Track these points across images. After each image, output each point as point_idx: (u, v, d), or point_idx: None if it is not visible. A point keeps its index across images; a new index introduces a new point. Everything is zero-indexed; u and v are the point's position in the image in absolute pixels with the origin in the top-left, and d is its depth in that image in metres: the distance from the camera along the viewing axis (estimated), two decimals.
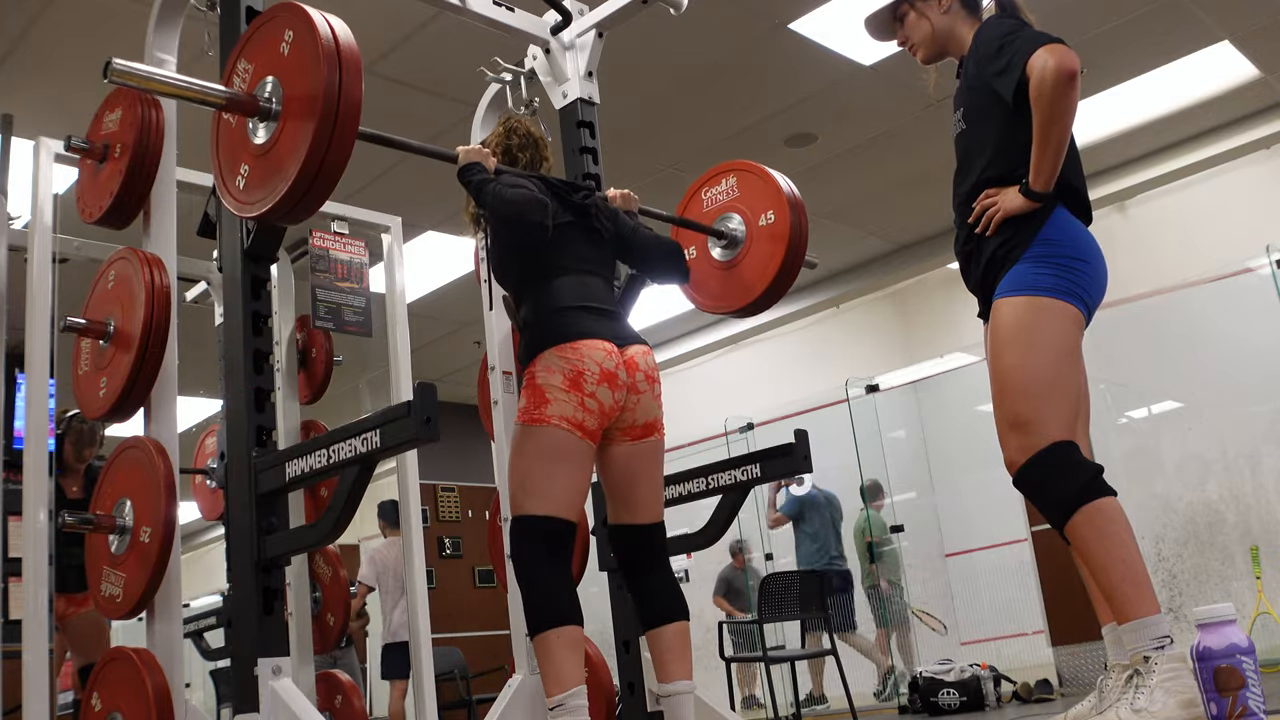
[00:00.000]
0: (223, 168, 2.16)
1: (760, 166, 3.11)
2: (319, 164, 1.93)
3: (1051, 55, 2.14)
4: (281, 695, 2.18)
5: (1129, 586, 2.03)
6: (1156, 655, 1.99)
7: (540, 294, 2.46)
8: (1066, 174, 2.25)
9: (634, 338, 2.50)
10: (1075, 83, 2.13)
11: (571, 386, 2.32)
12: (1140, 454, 7.39)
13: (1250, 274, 6.76)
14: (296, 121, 1.97)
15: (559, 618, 2.23)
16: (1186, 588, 6.90)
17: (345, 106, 1.92)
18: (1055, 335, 2.19)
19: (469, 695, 6.55)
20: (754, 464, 2.95)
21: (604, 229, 2.60)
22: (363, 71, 1.97)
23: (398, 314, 4.02)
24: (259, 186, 2.04)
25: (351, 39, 1.98)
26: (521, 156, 2.71)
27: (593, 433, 2.35)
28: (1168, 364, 7.35)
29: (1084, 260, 2.24)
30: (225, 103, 2.07)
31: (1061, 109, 2.14)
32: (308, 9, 2.01)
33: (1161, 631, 2.01)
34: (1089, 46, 5.71)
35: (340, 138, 1.93)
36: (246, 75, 2.11)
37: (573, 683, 2.18)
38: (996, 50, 2.26)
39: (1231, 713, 1.84)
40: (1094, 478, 2.11)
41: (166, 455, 2.46)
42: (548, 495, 2.32)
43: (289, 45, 2.02)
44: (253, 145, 2.06)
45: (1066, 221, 2.26)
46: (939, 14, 2.47)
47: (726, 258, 3.11)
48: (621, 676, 2.92)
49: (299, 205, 1.99)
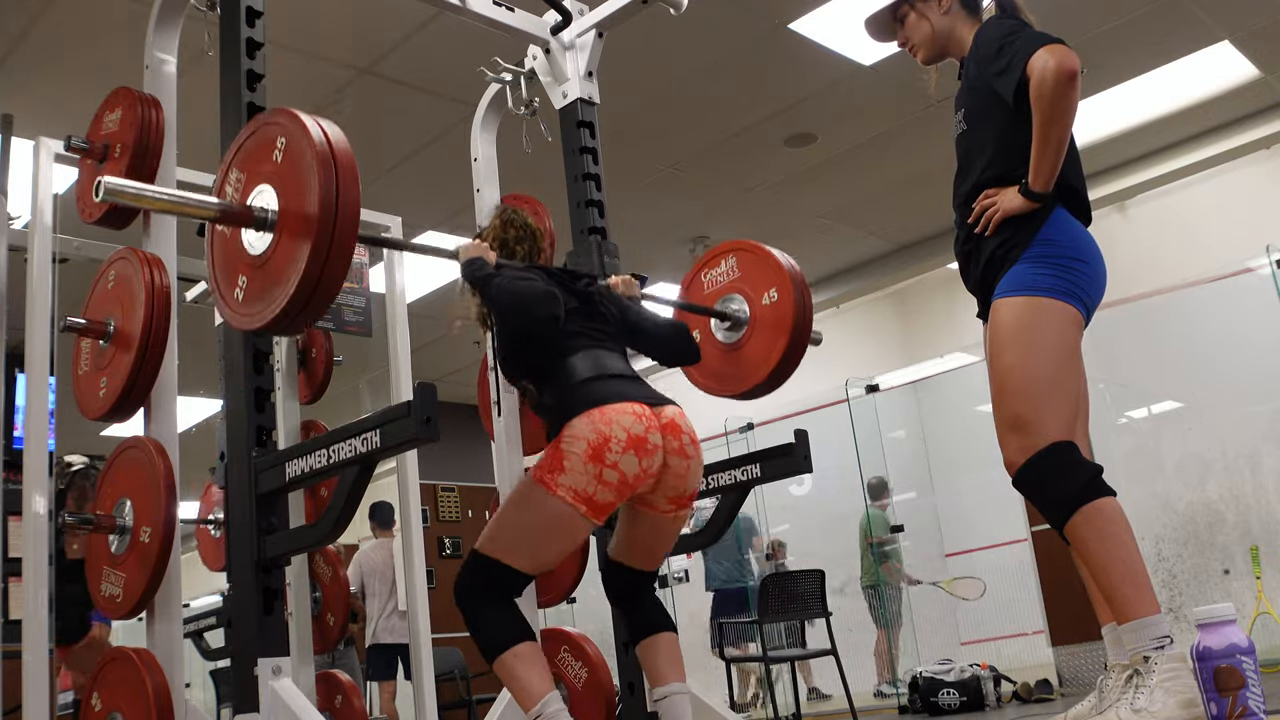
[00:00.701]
0: (219, 279, 2.09)
1: (759, 245, 3.05)
2: (318, 275, 1.87)
3: (1052, 55, 2.13)
4: (281, 695, 2.18)
5: (1129, 587, 2.03)
6: (1156, 655, 1.99)
7: (558, 375, 2.36)
8: (1066, 174, 2.25)
9: (666, 399, 2.39)
10: (1075, 83, 2.13)
11: (592, 457, 2.19)
12: (1140, 454, 7.39)
13: (1250, 274, 6.75)
14: (293, 232, 1.91)
15: (510, 639, 2.24)
16: (1186, 588, 6.90)
17: (343, 216, 1.87)
18: (1054, 335, 2.19)
19: (469, 695, 6.55)
20: (754, 464, 2.95)
21: (610, 313, 2.53)
22: (358, 177, 1.91)
23: (398, 314, 4.03)
24: (258, 299, 1.98)
25: (345, 143, 1.92)
26: (519, 250, 2.64)
27: (603, 506, 2.23)
28: (1168, 364, 7.35)
29: (1083, 260, 2.23)
30: (218, 215, 2.01)
31: (1061, 109, 2.14)
32: (300, 114, 1.95)
33: (1161, 631, 2.01)
34: (1089, 46, 5.71)
35: (339, 247, 1.87)
36: (239, 185, 2.05)
37: (542, 692, 2.19)
38: (997, 51, 2.26)
39: (1231, 713, 1.84)
40: (1094, 478, 2.11)
41: (166, 455, 2.46)
42: (521, 554, 2.29)
43: (281, 153, 1.96)
44: (249, 256, 2.00)
45: (1066, 222, 2.26)
46: (939, 15, 2.47)
47: (730, 339, 3.03)
48: (621, 676, 2.93)
49: (299, 316, 1.93)
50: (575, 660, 3.00)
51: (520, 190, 3.49)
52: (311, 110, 1.99)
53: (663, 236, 7.54)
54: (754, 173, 6.83)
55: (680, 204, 7.09)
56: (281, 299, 1.90)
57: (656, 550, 2.50)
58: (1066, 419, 2.17)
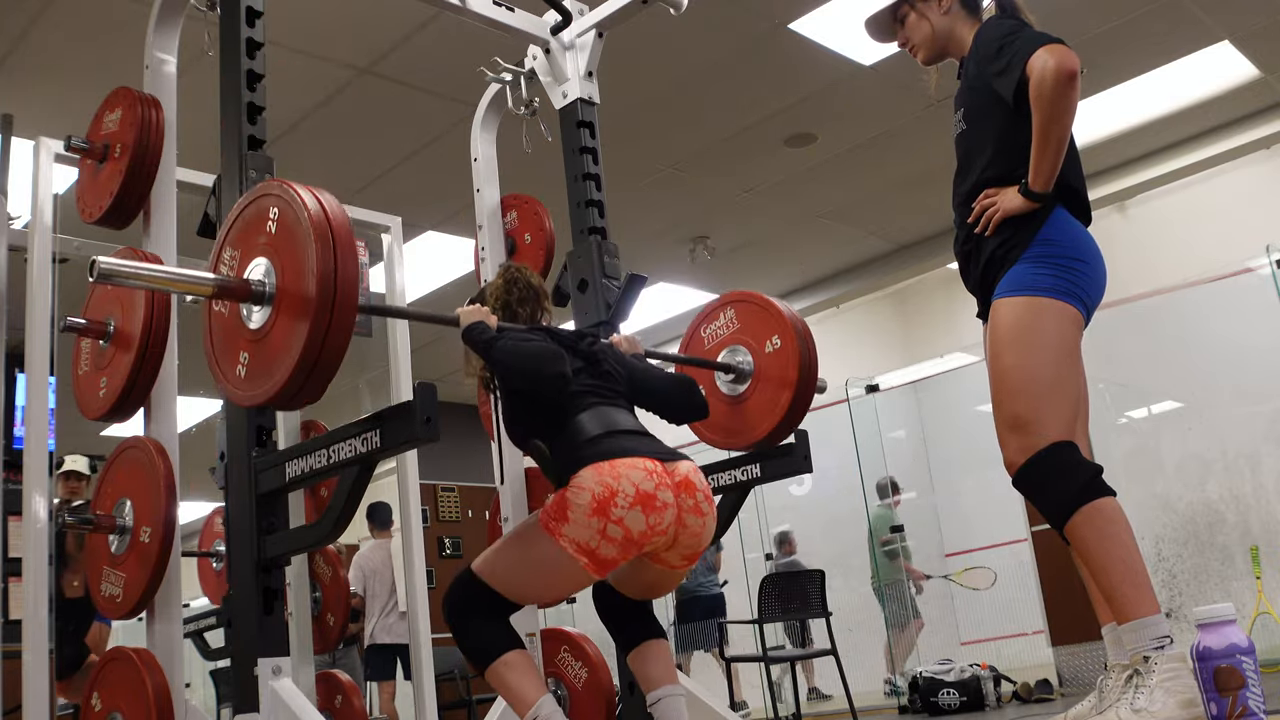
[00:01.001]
0: (219, 356, 2.06)
1: (757, 295, 3.04)
2: (319, 349, 1.86)
3: (1051, 55, 2.13)
4: (281, 695, 2.18)
5: (1128, 587, 2.04)
6: (1156, 655, 1.99)
7: (567, 433, 2.31)
8: (1066, 174, 2.25)
9: (678, 454, 2.34)
10: (1075, 83, 2.13)
11: (596, 510, 2.14)
12: (1140, 454, 7.39)
13: (1250, 274, 6.75)
14: (291, 305, 1.89)
15: (500, 648, 2.26)
16: (1186, 588, 6.90)
17: (342, 286, 1.84)
18: (1054, 335, 2.19)
19: (469, 695, 6.55)
20: (754, 464, 2.95)
21: (615, 371, 2.49)
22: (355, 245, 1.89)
23: None
24: (260, 375, 1.96)
25: (341, 213, 1.90)
26: (522, 312, 2.59)
27: (606, 561, 2.19)
28: (1168, 364, 7.35)
29: (1083, 261, 2.23)
30: (215, 290, 1.98)
31: (1061, 109, 2.14)
32: (296, 187, 1.93)
33: (1161, 631, 2.01)
34: (1089, 46, 5.71)
35: (339, 320, 1.85)
36: (234, 262, 2.03)
37: (535, 696, 2.21)
38: (996, 50, 2.26)
39: (1231, 713, 1.84)
40: (1093, 478, 2.11)
41: (166, 455, 2.46)
42: (515, 589, 2.30)
43: (275, 224, 1.94)
44: (249, 331, 1.98)
45: (1066, 222, 2.26)
46: (939, 15, 2.47)
47: (735, 392, 3.01)
48: (621, 677, 2.92)
49: (302, 391, 1.92)
50: (575, 660, 3.00)
51: (520, 190, 3.49)
52: (311, 109, 1.98)
53: (663, 236, 7.54)
54: (754, 173, 6.82)
55: (680, 204, 7.09)
56: (282, 376, 1.89)
57: (657, 592, 2.50)
58: (1067, 419, 2.17)
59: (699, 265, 7.93)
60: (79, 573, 4.47)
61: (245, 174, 2.41)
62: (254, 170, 2.42)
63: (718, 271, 8.20)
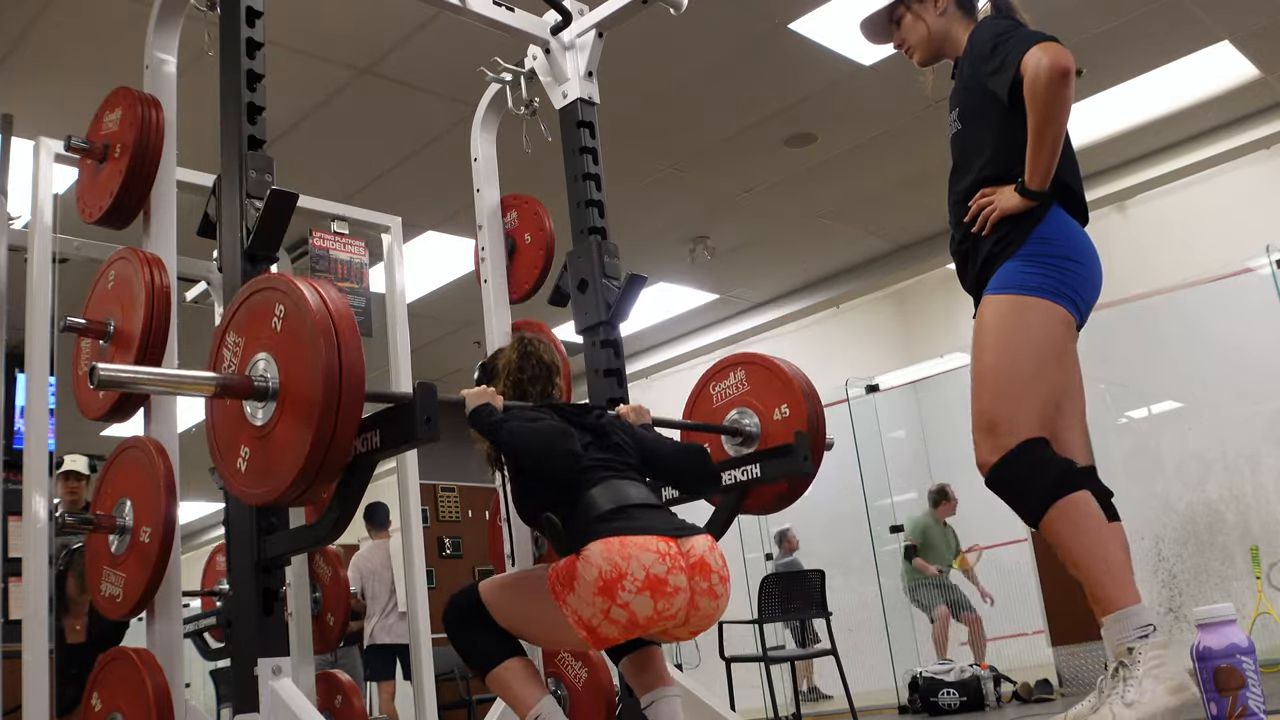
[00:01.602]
0: (221, 449, 2.05)
1: (767, 358, 3.02)
2: (325, 448, 1.84)
3: (1045, 53, 2.13)
4: (281, 695, 2.18)
5: (1107, 579, 2.03)
6: (1140, 645, 1.99)
7: (579, 510, 2.22)
8: (1063, 174, 2.24)
9: (693, 528, 2.24)
10: (1069, 80, 2.12)
11: (602, 590, 2.05)
12: (1140, 454, 7.39)
13: (1250, 274, 6.75)
14: (296, 405, 1.88)
15: (500, 654, 2.28)
16: (1186, 588, 6.90)
17: (347, 385, 1.82)
18: (1037, 335, 2.17)
19: (469, 695, 6.55)
20: (754, 464, 2.95)
21: (625, 443, 2.43)
22: (361, 342, 1.87)
23: (398, 314, 4.02)
24: (264, 474, 1.94)
25: (346, 309, 1.88)
26: (532, 390, 2.53)
27: (605, 639, 2.13)
28: (1168, 364, 7.35)
29: (1077, 260, 2.22)
30: (217, 390, 1.98)
31: (1056, 107, 2.13)
32: (298, 283, 1.90)
33: (1143, 620, 2.01)
34: (1089, 46, 5.71)
35: (345, 419, 1.83)
36: (237, 350, 2.02)
37: (535, 699, 2.23)
38: (991, 50, 2.26)
39: (1231, 713, 1.84)
40: (1066, 473, 2.10)
41: (166, 455, 2.46)
42: (513, 626, 2.30)
43: (281, 321, 1.92)
44: (251, 427, 1.97)
45: (1062, 221, 2.25)
46: (935, 16, 2.47)
47: (742, 454, 2.99)
48: (621, 677, 2.92)
49: (308, 490, 1.90)
50: (575, 660, 3.00)
51: (520, 190, 3.49)
52: (311, 109, 1.98)
53: (663, 236, 7.54)
54: (754, 173, 6.82)
55: (680, 204, 7.09)
56: (288, 475, 1.87)
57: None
58: (1041, 419, 2.15)
59: (699, 265, 7.93)
60: (80, 617, 4.46)
61: (245, 174, 2.41)
62: (254, 170, 2.42)
63: (718, 271, 8.20)
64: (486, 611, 2.32)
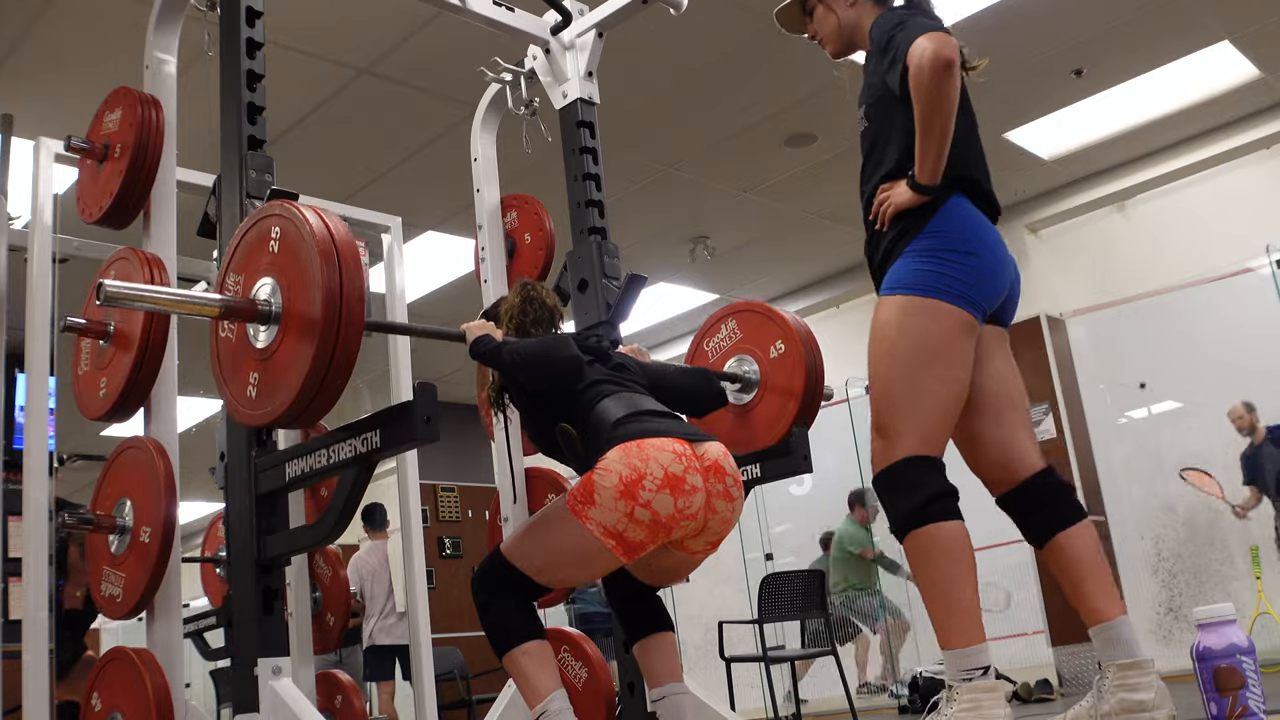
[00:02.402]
0: (228, 379, 2.07)
1: (757, 303, 3.03)
2: (326, 369, 1.87)
3: (930, 43, 2.05)
4: (281, 695, 2.18)
5: (949, 618, 1.98)
6: (961, 686, 1.94)
7: (592, 421, 2.26)
8: (963, 166, 2.17)
9: (706, 435, 2.29)
10: (952, 70, 2.04)
11: (624, 493, 2.09)
12: (1140, 454, 7.39)
13: (1250, 274, 6.76)
14: (298, 325, 1.90)
15: (521, 635, 2.24)
16: (1186, 588, 6.90)
17: (347, 304, 1.85)
18: (923, 340, 2.08)
19: (469, 695, 6.56)
20: (754, 464, 2.95)
21: (629, 364, 2.47)
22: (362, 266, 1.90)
23: (398, 314, 4.02)
24: (269, 395, 1.96)
25: (347, 233, 1.91)
26: (535, 333, 2.52)
27: (635, 545, 2.14)
28: (1168, 364, 7.35)
29: (971, 253, 2.13)
30: (221, 311, 2.00)
31: (939, 96, 2.05)
32: (299, 207, 1.93)
33: (976, 663, 1.94)
34: (1089, 46, 5.71)
35: (345, 339, 1.86)
36: (239, 286, 2.04)
37: (549, 689, 2.19)
38: (886, 43, 2.20)
39: (1231, 713, 1.84)
40: (933, 500, 2.02)
41: (166, 455, 2.46)
42: (542, 571, 2.26)
43: (278, 243, 1.95)
44: (256, 350, 2.00)
45: (959, 213, 2.16)
46: (845, 8, 2.41)
47: (742, 401, 2.99)
48: (621, 677, 2.93)
49: (308, 410, 1.92)
50: (575, 660, 3.00)
51: (520, 190, 3.49)
52: (311, 109, 1.98)
53: (663, 236, 7.54)
54: (754, 173, 6.82)
55: (680, 204, 7.09)
56: (289, 394, 1.89)
57: (673, 579, 2.48)
58: (928, 431, 2.07)
59: (699, 265, 7.93)
60: (80, 585, 4.47)
61: (245, 174, 2.41)
62: (254, 170, 2.42)
63: (718, 271, 8.20)
64: (513, 568, 2.25)
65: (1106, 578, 2.17)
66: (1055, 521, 2.21)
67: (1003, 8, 5.21)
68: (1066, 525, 2.21)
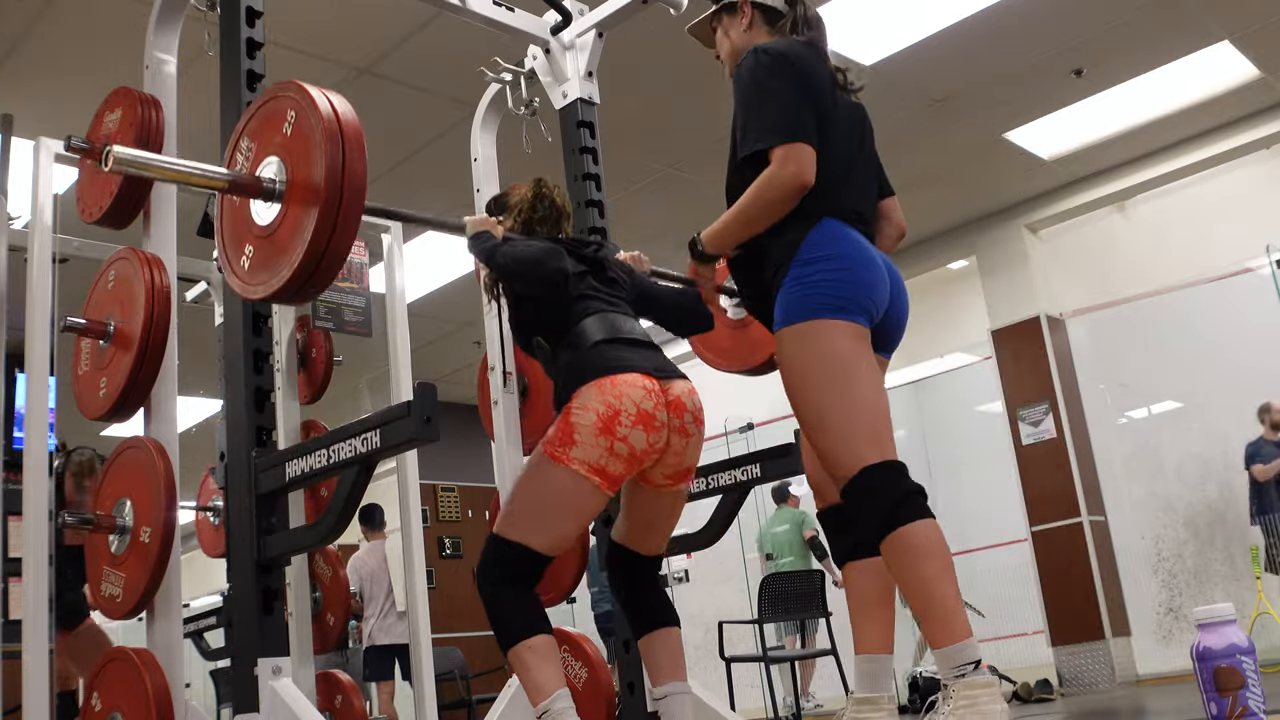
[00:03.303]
0: (228, 247, 2.11)
1: None
2: (324, 247, 1.89)
3: (795, 166, 2.10)
4: (281, 695, 2.18)
5: (934, 618, 1.96)
6: (955, 683, 1.93)
7: (571, 337, 2.34)
8: (836, 205, 2.18)
9: (675, 371, 2.36)
10: (800, 195, 2.12)
11: (602, 430, 2.18)
12: (1140, 454, 7.40)
13: (1250, 274, 6.77)
14: (300, 203, 1.93)
15: (527, 629, 2.22)
16: (1186, 588, 6.90)
17: (349, 188, 1.88)
18: (825, 359, 2.09)
19: (469, 695, 6.55)
20: (754, 464, 2.95)
21: (620, 279, 2.51)
22: (365, 148, 1.93)
23: (398, 314, 4.02)
24: (263, 269, 2.00)
25: (353, 116, 1.94)
26: (540, 231, 2.55)
27: (616, 478, 2.23)
28: (1168, 364, 7.35)
29: (838, 263, 2.14)
30: (228, 185, 2.04)
31: (776, 210, 2.14)
32: (310, 88, 1.97)
33: (965, 658, 1.93)
34: (1089, 46, 5.71)
35: (345, 220, 1.89)
36: (249, 154, 2.07)
37: (553, 687, 2.17)
38: (743, 101, 2.20)
39: (1231, 713, 1.84)
40: (899, 502, 2.01)
41: (166, 455, 2.46)
42: (541, 534, 2.26)
43: (291, 125, 1.99)
44: (257, 226, 2.03)
45: (825, 234, 2.16)
46: (739, 32, 2.42)
47: (739, 316, 3.02)
48: (621, 676, 2.93)
49: (304, 288, 1.95)
50: (575, 660, 3.00)
51: None
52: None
53: (663, 236, 7.54)
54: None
55: (680, 204, 7.09)
56: (287, 271, 1.93)
57: (656, 527, 2.47)
58: (872, 435, 2.06)
59: None
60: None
61: None
62: None
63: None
64: (511, 544, 2.25)
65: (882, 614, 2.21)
66: (847, 552, 2.28)
67: (1003, 8, 5.21)
68: (855, 558, 2.25)
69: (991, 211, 7.64)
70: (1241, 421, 6.78)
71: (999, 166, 7.01)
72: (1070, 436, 7.09)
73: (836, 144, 2.25)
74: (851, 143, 2.33)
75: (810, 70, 2.23)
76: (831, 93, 2.27)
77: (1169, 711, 4.15)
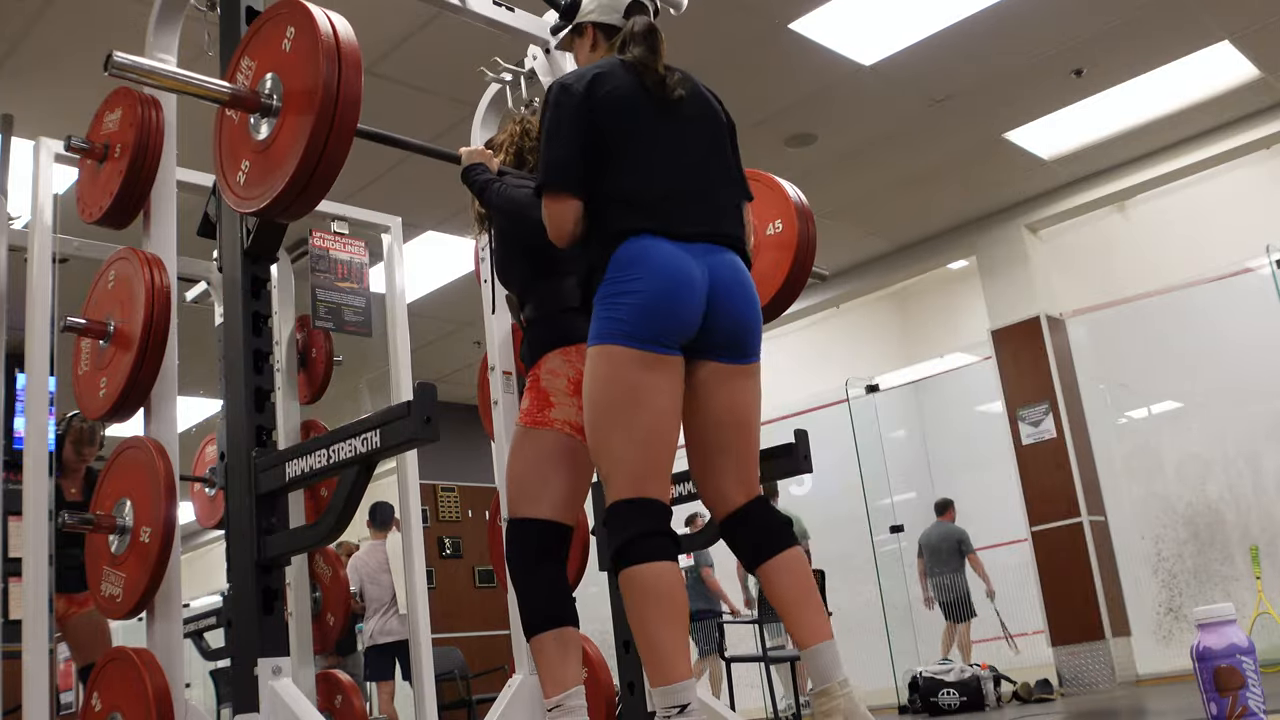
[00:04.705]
0: (224, 164, 2.16)
1: (766, 175, 3.00)
2: (317, 159, 1.93)
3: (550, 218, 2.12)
4: (281, 695, 2.18)
5: (653, 657, 1.96)
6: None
7: (545, 294, 2.43)
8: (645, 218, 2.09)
9: None
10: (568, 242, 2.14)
11: (575, 391, 2.27)
12: (1140, 454, 7.40)
13: (1250, 274, 6.77)
14: (295, 117, 1.98)
15: (554, 619, 2.22)
16: (1186, 588, 6.90)
17: (344, 102, 1.93)
18: (609, 386, 2.04)
19: (469, 695, 6.56)
20: None
21: None
22: (363, 68, 1.97)
23: (398, 314, 4.02)
24: (258, 183, 2.04)
25: (352, 35, 1.99)
26: (531, 159, 2.62)
27: None
28: (1168, 364, 7.35)
29: (632, 292, 2.04)
30: (228, 98, 2.08)
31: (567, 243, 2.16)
32: (309, 6, 2.02)
33: (680, 700, 1.92)
34: (1089, 46, 5.71)
35: (339, 133, 1.93)
36: (249, 72, 2.12)
37: (570, 683, 2.17)
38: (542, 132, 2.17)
39: (1231, 713, 1.84)
40: (633, 542, 1.99)
41: (166, 455, 2.46)
42: (544, 499, 2.28)
43: (290, 42, 2.04)
44: (254, 141, 2.07)
45: (628, 254, 2.08)
46: (585, 54, 2.38)
47: None
48: (621, 676, 2.92)
49: (297, 201, 1.99)
50: None
51: None
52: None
53: None
54: None
55: None
56: (280, 183, 1.97)
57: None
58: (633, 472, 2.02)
59: None
60: (76, 480, 4.56)
61: None
62: None
63: None
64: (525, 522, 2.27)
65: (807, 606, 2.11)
66: (751, 558, 2.19)
67: (1003, 8, 5.21)
68: (760, 561, 2.15)
69: (991, 211, 7.65)
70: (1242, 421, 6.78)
71: (999, 166, 7.02)
72: (1070, 436, 7.10)
73: (660, 157, 2.15)
74: (686, 153, 2.20)
75: (605, 95, 2.13)
76: (648, 106, 2.16)
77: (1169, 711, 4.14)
